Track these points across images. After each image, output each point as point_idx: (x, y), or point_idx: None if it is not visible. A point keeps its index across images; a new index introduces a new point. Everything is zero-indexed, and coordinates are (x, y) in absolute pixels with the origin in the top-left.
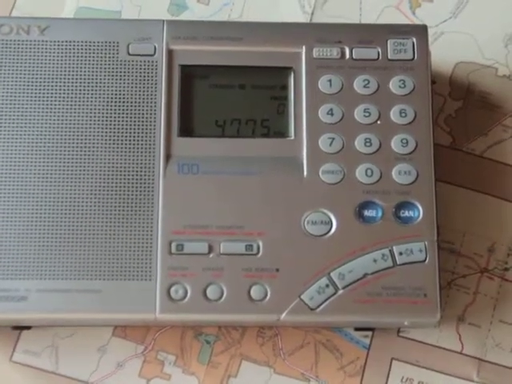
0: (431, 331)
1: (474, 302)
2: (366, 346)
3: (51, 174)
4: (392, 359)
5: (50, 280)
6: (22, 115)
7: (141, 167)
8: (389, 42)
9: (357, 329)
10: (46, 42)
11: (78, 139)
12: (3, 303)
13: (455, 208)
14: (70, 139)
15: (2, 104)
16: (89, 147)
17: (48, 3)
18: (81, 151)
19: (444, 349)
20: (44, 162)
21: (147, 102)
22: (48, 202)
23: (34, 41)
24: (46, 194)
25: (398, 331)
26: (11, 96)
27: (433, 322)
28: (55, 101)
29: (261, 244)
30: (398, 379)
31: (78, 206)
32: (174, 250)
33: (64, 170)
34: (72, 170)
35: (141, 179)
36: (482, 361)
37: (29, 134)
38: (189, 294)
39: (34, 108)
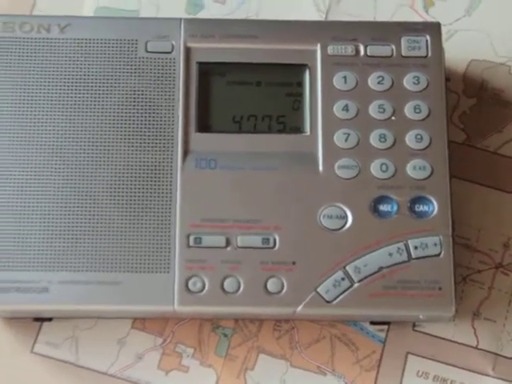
0: (446, 326)
1: (489, 297)
2: (381, 340)
3: (72, 168)
4: (407, 353)
5: (70, 272)
6: (43, 112)
7: (159, 162)
8: (402, 39)
9: (372, 322)
10: (66, 40)
11: (97, 135)
12: (25, 295)
13: (470, 204)
14: (89, 135)
15: (24, 101)
16: (108, 143)
17: (67, 3)
18: (101, 147)
19: (459, 343)
20: (67, 157)
21: (165, 99)
22: (69, 195)
23: (54, 39)
24: (67, 188)
25: (414, 325)
26: (32, 93)
27: (448, 315)
28: (75, 98)
29: (277, 237)
30: (414, 373)
31: (99, 199)
32: (191, 243)
33: (85, 165)
34: (93, 166)
35: (159, 174)
36: (498, 355)
37: (49, 131)
38: (206, 287)
39: (55, 105)
